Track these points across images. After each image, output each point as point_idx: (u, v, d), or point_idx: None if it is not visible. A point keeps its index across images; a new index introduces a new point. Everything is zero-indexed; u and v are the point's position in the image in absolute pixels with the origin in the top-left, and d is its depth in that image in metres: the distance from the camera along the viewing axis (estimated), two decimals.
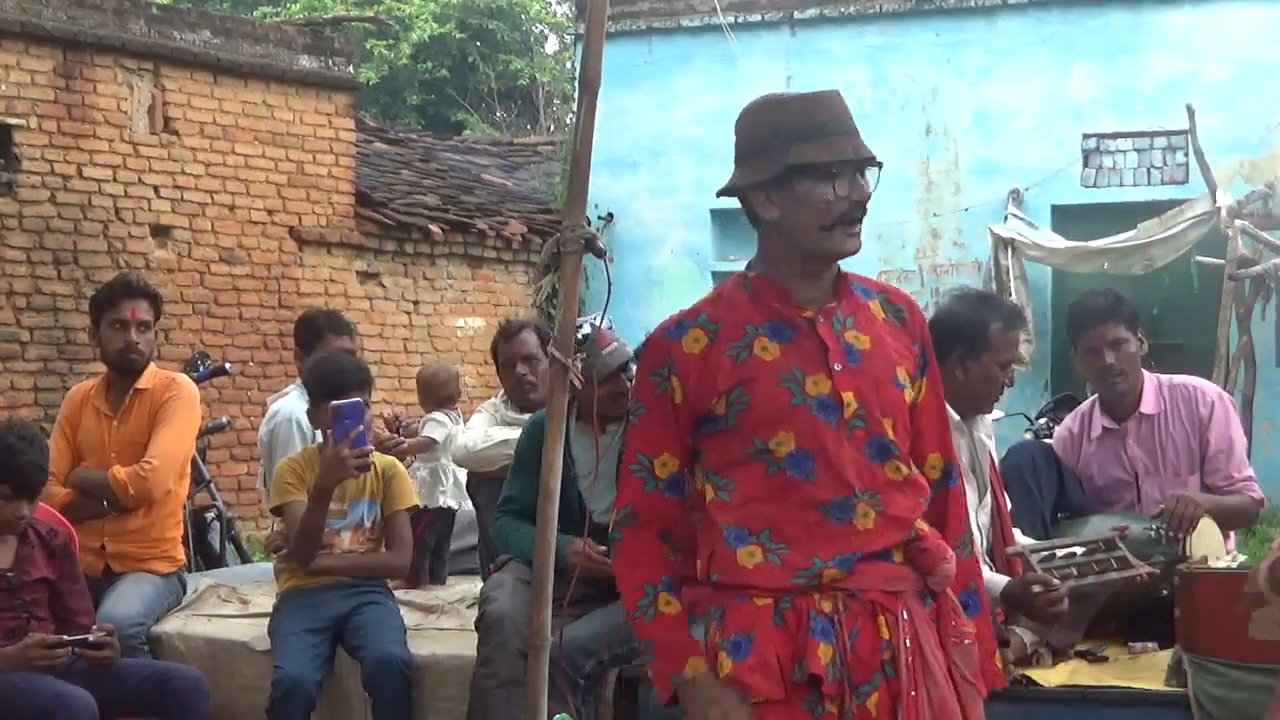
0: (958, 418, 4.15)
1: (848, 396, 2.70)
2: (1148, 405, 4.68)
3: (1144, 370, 4.75)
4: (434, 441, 5.74)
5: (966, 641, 2.78)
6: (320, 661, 4.67)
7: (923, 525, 2.77)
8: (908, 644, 2.67)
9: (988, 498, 4.20)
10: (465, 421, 5.99)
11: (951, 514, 2.87)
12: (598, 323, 4.16)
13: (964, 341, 4.15)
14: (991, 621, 2.95)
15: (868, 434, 2.71)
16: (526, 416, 5.34)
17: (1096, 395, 4.85)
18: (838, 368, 2.72)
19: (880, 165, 2.78)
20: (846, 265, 2.78)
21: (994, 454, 4.35)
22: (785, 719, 2.65)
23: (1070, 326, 4.82)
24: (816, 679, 2.63)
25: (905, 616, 2.69)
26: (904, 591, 2.72)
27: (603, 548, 4.14)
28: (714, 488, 2.75)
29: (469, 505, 5.95)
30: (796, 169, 2.70)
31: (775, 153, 2.72)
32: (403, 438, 5.68)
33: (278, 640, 4.74)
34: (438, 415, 5.83)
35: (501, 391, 5.82)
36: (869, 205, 2.72)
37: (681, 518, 2.82)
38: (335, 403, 4.64)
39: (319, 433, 5.29)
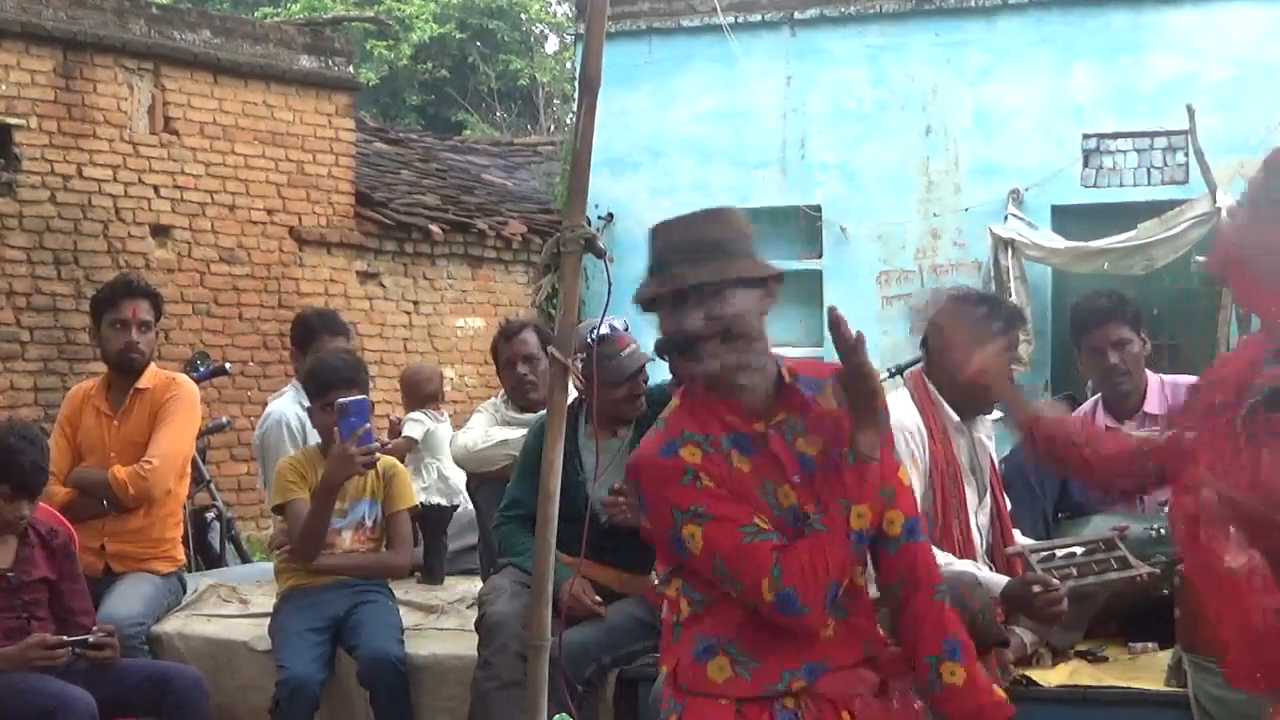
0: (957, 419, 4.15)
1: (807, 507, 2.75)
2: (1151, 405, 4.68)
3: (1148, 370, 4.75)
4: (413, 441, 5.74)
5: None
6: (323, 661, 4.67)
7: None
8: None
9: (987, 499, 4.20)
10: (447, 420, 6.00)
11: (921, 566, 2.90)
12: (616, 324, 4.18)
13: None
14: (978, 658, 2.98)
15: (844, 530, 2.72)
16: (527, 416, 5.35)
17: (1100, 395, 4.85)
18: (796, 479, 2.77)
19: (698, 286, 2.73)
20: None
21: (994, 455, 4.35)
22: None
23: (1074, 327, 4.82)
24: None
25: (869, 715, 2.80)
26: (863, 695, 2.81)
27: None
28: (689, 600, 2.80)
29: (467, 505, 5.95)
30: (646, 304, 2.82)
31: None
32: (387, 439, 5.69)
33: (280, 640, 4.74)
34: (416, 415, 5.85)
35: (502, 391, 5.82)
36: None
37: None
38: (341, 400, 4.63)
39: (312, 432, 5.31)
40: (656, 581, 4.53)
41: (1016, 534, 4.32)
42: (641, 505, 2.83)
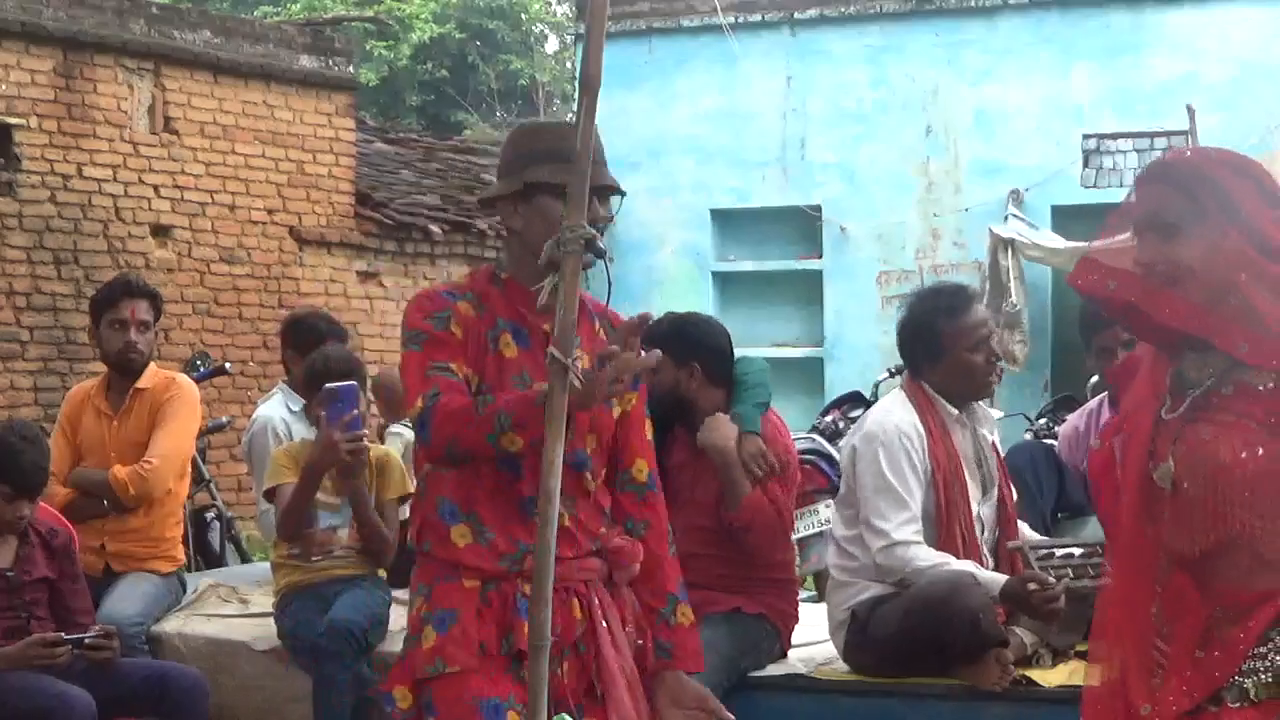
0: (956, 412, 4.16)
1: None
2: None
3: None
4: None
5: (639, 641, 3.19)
6: None
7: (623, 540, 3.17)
8: (604, 624, 3.09)
9: (993, 490, 4.21)
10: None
11: (660, 515, 3.25)
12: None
13: (921, 346, 4.16)
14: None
15: (570, 446, 2.90)
16: None
17: (1105, 394, 4.85)
18: None
19: (620, 193, 3.15)
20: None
21: (999, 447, 4.36)
22: (488, 685, 2.98)
23: (1084, 325, 4.81)
24: (521, 652, 2.94)
25: (597, 602, 3.10)
26: (593, 580, 3.13)
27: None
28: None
29: None
30: (534, 186, 3.05)
31: (519, 171, 3.08)
32: (380, 441, 5.66)
33: (291, 624, 4.75)
34: (396, 428, 5.79)
35: None
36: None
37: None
38: (329, 385, 4.58)
39: (298, 436, 5.30)
40: None
41: (1024, 527, 4.32)
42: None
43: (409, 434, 5.81)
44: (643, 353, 2.94)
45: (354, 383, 4.65)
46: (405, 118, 19.97)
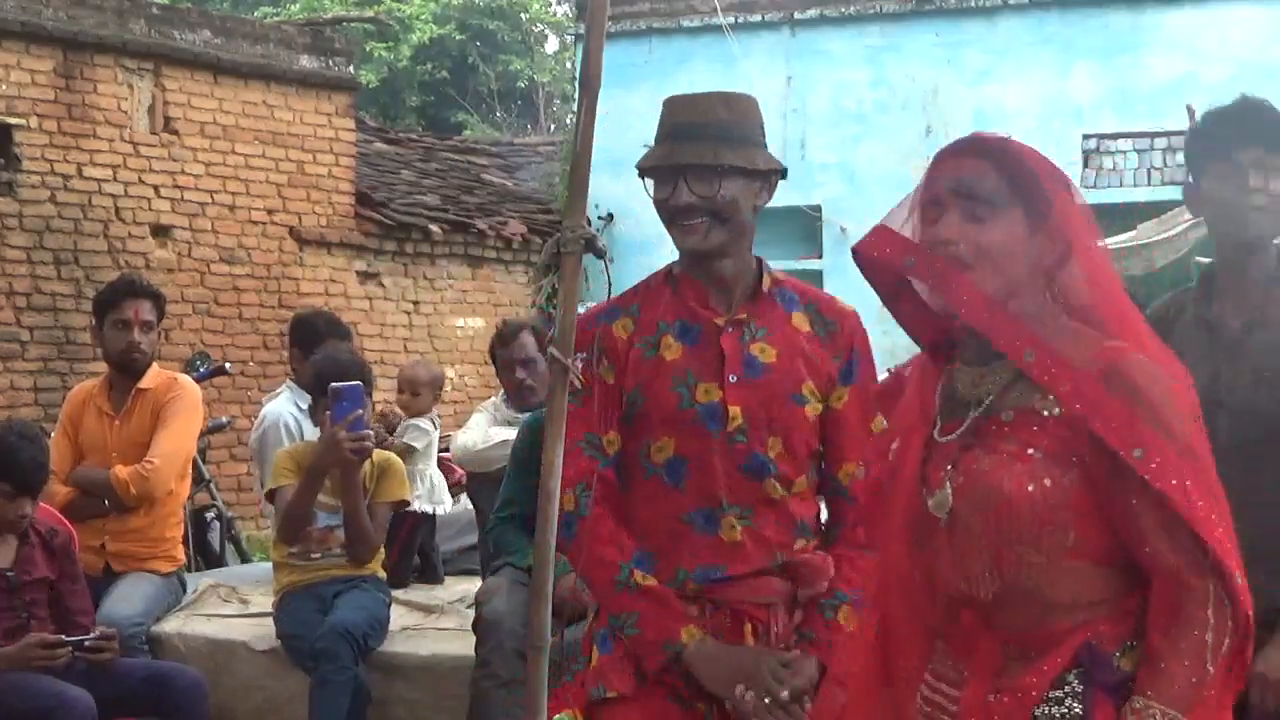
0: None
1: (734, 410, 2.71)
2: None
3: None
4: (413, 449, 5.67)
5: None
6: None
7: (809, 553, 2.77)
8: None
9: None
10: (438, 426, 5.97)
11: (855, 517, 2.83)
12: None
13: None
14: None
15: (748, 450, 2.71)
16: (526, 415, 5.33)
17: None
18: (732, 379, 2.73)
19: (694, 166, 2.74)
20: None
21: None
22: (641, 714, 2.73)
23: None
24: (686, 675, 2.68)
25: (777, 630, 2.74)
26: (774, 604, 2.75)
27: None
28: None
29: (453, 506, 5.94)
30: (644, 171, 2.86)
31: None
32: (387, 435, 5.65)
33: (289, 625, 4.76)
34: (421, 422, 5.78)
35: (501, 391, 5.81)
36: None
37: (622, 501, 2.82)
38: (334, 385, 4.61)
39: (309, 433, 5.30)
40: None
41: None
42: None
43: (431, 430, 5.80)
44: None
45: (359, 382, 4.66)
46: (405, 119, 19.97)
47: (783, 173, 2.80)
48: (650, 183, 2.84)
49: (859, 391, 2.81)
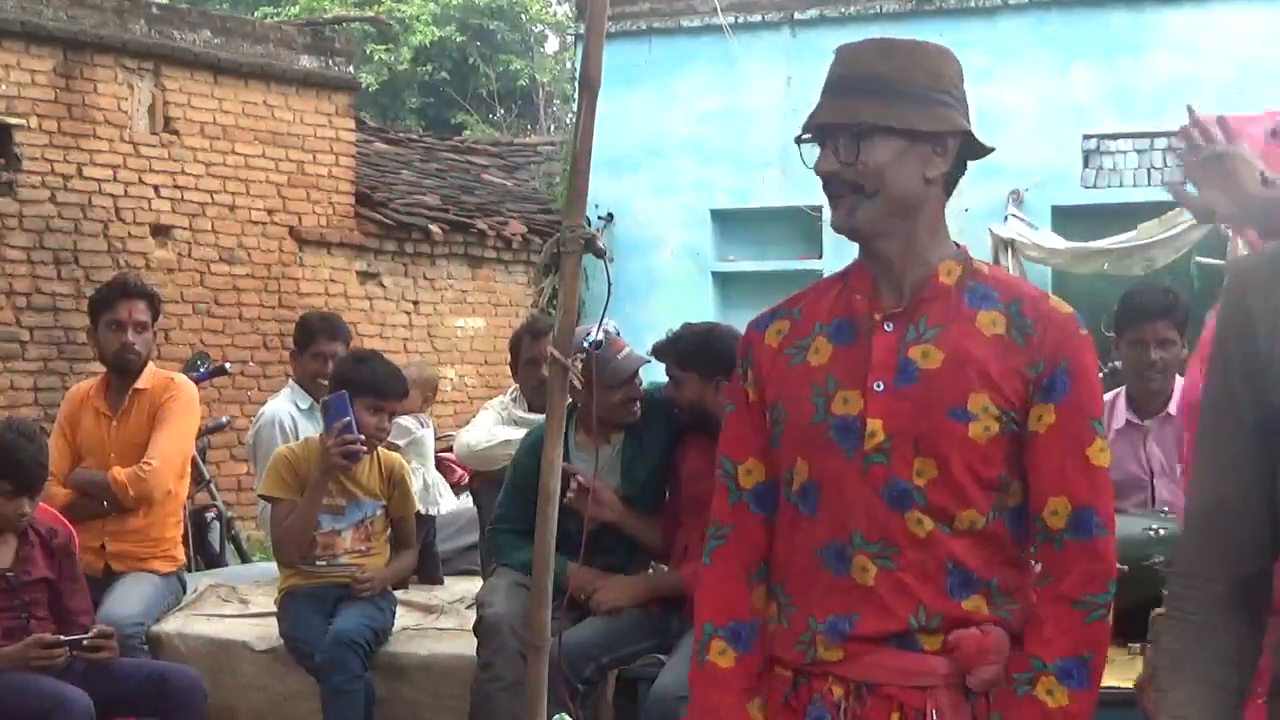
0: None
1: (874, 424, 2.21)
2: (1174, 406, 4.69)
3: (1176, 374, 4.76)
4: (395, 446, 5.68)
5: None
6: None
7: (980, 611, 2.21)
8: None
9: None
10: (431, 426, 5.97)
11: (1074, 570, 2.20)
12: (609, 328, 4.17)
13: None
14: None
15: (887, 473, 2.20)
16: (534, 416, 5.32)
17: (1124, 388, 4.86)
18: (878, 387, 2.23)
19: (837, 125, 2.25)
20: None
21: None
22: None
23: (1122, 315, 4.80)
24: None
25: (934, 717, 2.19)
26: (934, 686, 2.20)
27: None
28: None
29: (467, 504, 5.94)
30: (800, 139, 2.32)
31: None
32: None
33: (294, 624, 4.76)
34: (404, 420, 5.80)
35: (511, 389, 5.79)
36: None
37: (766, 542, 2.35)
38: (324, 398, 4.78)
39: (305, 433, 5.33)
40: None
41: None
42: None
43: (416, 428, 5.80)
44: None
45: (344, 392, 4.74)
46: (405, 121, 19.97)
47: (969, 140, 2.29)
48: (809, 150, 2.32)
49: (1068, 411, 2.21)
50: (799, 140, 2.31)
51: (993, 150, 2.35)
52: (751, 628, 2.32)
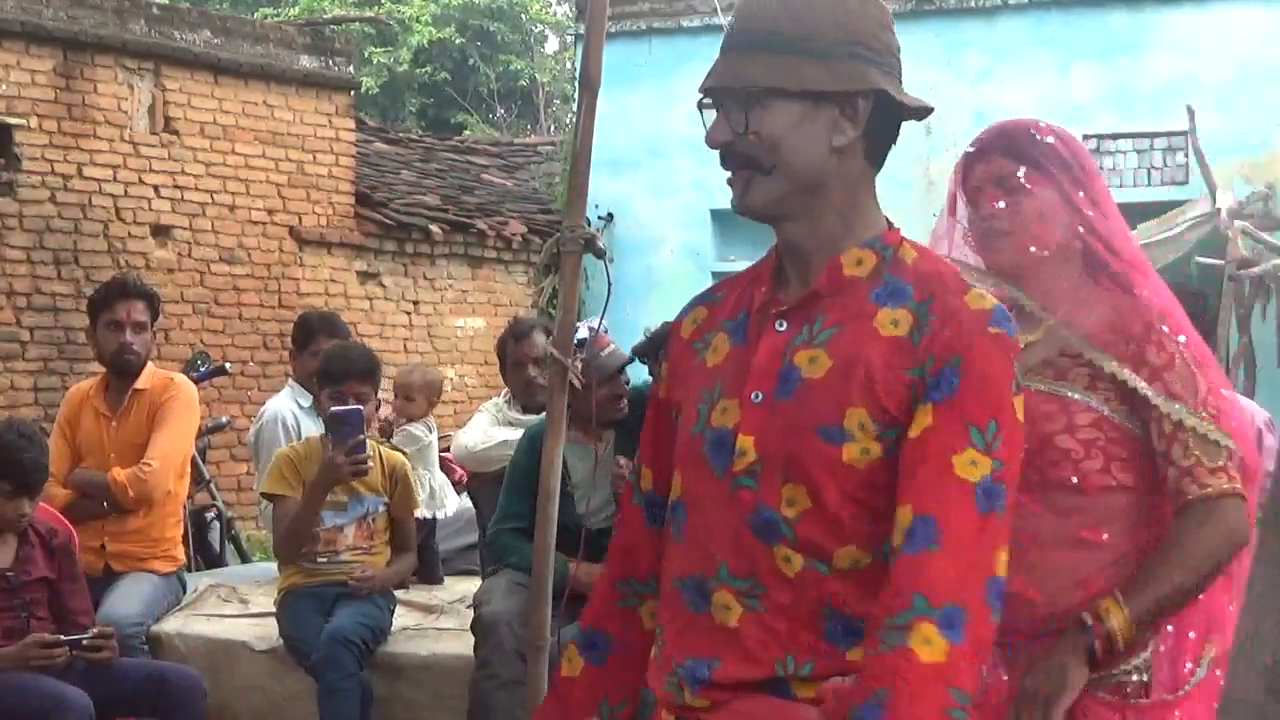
0: None
1: (744, 441, 1.85)
2: None
3: None
4: (403, 453, 5.68)
5: None
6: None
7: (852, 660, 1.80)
8: None
9: None
10: (435, 430, 5.97)
11: (892, 585, 1.76)
12: (595, 325, 4.17)
13: None
14: None
15: (756, 500, 1.83)
16: (529, 417, 5.33)
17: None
18: (755, 398, 1.86)
19: (726, 89, 1.95)
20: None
21: None
22: None
23: None
24: None
25: None
26: None
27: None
28: None
29: (467, 504, 5.94)
30: (702, 105, 2.02)
31: None
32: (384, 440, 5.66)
33: (293, 626, 4.76)
34: (412, 428, 5.80)
35: (505, 391, 5.81)
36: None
37: (652, 556, 2.02)
38: (335, 410, 4.67)
39: (307, 431, 5.32)
40: None
41: None
42: None
43: (424, 435, 5.80)
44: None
45: (360, 408, 4.70)
46: (405, 122, 19.97)
47: (892, 101, 1.91)
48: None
49: (945, 412, 1.79)
50: (700, 106, 2.02)
51: (931, 110, 1.99)
52: (608, 640, 2.05)
